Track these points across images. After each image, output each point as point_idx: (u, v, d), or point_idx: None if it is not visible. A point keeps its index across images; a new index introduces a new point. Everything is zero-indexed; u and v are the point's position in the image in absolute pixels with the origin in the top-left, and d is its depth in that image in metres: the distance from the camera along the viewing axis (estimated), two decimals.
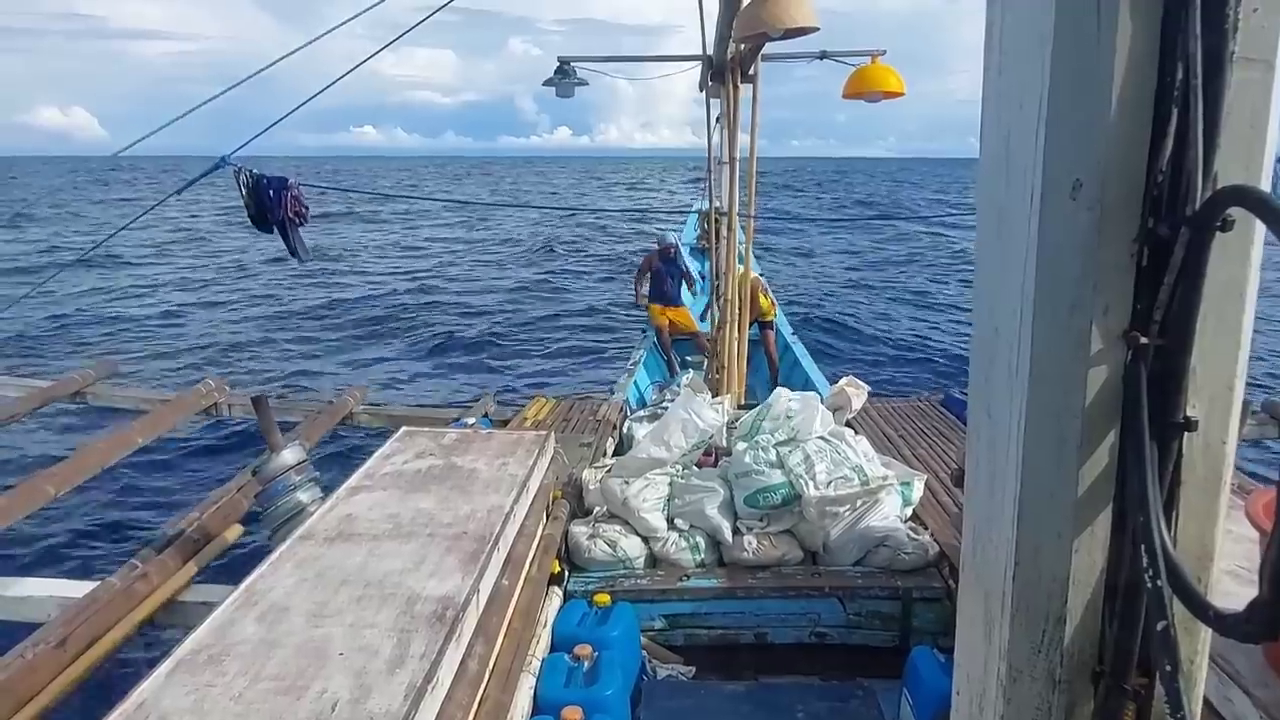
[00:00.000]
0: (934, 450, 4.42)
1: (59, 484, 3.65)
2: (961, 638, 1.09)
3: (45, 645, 2.53)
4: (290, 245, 4.24)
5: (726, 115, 5.77)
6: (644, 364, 7.30)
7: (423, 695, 1.68)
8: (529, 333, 13.81)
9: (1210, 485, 0.86)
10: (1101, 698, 0.92)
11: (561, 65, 6.35)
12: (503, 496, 2.75)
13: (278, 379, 10.84)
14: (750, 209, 6.08)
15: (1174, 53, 0.73)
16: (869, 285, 18.44)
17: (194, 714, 1.64)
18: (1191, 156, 0.74)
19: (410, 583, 2.15)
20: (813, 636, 3.07)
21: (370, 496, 2.76)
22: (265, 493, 3.04)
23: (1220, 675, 1.70)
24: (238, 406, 5.26)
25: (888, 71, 5.59)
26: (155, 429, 4.52)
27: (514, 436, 3.46)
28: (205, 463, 7.81)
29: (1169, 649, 0.77)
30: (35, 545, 6.09)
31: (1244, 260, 0.80)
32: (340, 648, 1.85)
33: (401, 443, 3.31)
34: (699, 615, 3.10)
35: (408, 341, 13.11)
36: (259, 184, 3.99)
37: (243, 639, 1.90)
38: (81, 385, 5.21)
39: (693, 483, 3.43)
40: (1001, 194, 0.89)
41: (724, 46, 5.28)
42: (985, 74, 0.93)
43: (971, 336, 1.00)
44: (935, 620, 3.02)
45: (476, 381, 10.42)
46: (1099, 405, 0.83)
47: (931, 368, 11.23)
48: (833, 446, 3.43)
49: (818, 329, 12.84)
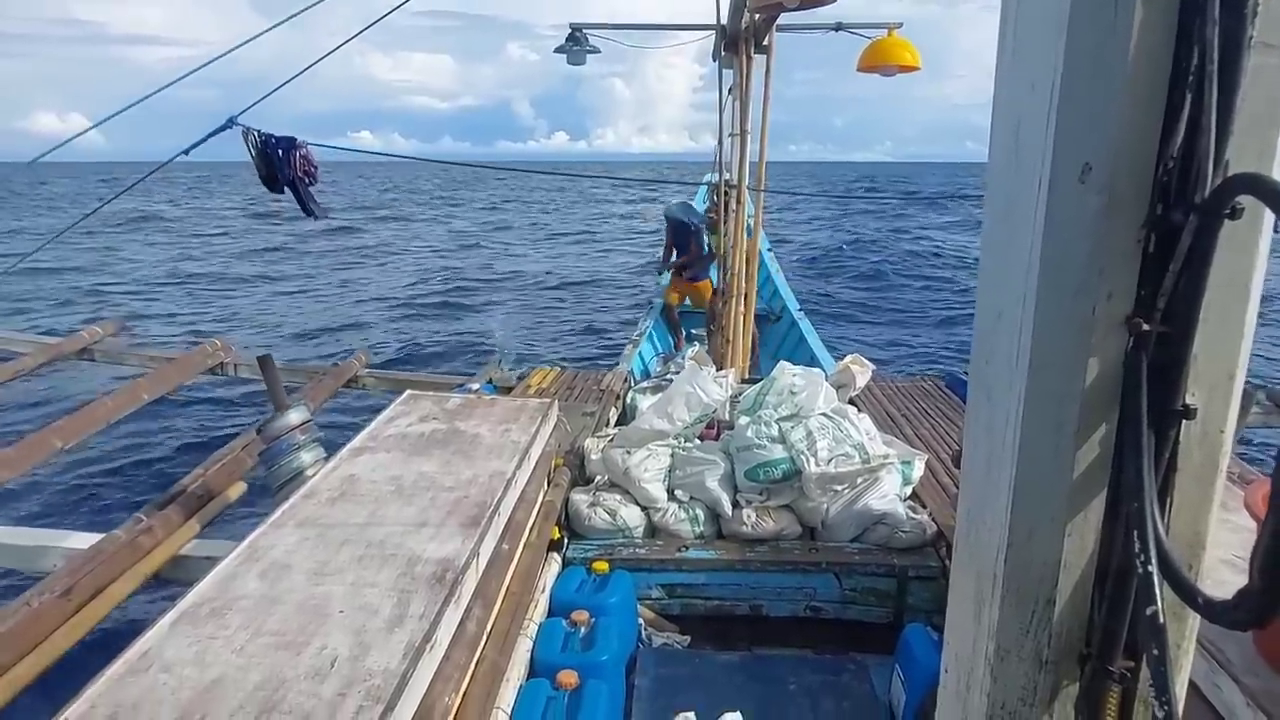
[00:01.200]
0: (936, 430, 4.42)
1: (66, 437, 3.69)
2: (952, 616, 1.11)
3: (50, 594, 2.57)
4: (303, 203, 4.23)
5: (739, 86, 5.70)
6: (649, 335, 7.30)
7: (421, 654, 1.71)
8: (536, 302, 13.83)
9: (1206, 474, 0.87)
10: (1087, 679, 0.94)
11: (574, 32, 6.27)
12: (505, 462, 2.77)
13: (283, 342, 10.90)
14: (760, 182, 6.03)
15: (1191, 37, 0.72)
16: (875, 265, 18.36)
17: (196, 664, 1.67)
18: (1203, 143, 0.73)
19: (411, 544, 2.17)
20: (808, 610, 3.09)
21: (373, 458, 2.78)
22: (269, 451, 3.06)
23: (1210, 662, 1.72)
24: (244, 366, 5.29)
25: (903, 45, 5.51)
26: (161, 386, 4.55)
27: (517, 403, 3.48)
28: (210, 421, 7.88)
29: (1157, 634, 0.77)
30: (42, 497, 6.18)
31: (1251, 249, 0.79)
32: (340, 606, 1.88)
33: (405, 406, 3.33)
34: (696, 586, 3.12)
35: (419, 312, 13.15)
36: (267, 144, 3.98)
37: (245, 594, 1.93)
38: (89, 342, 5.24)
39: (694, 455, 3.44)
40: (1011, 177, 0.88)
41: (738, 16, 5.21)
42: (999, 57, 0.92)
43: (975, 319, 1.00)
44: (930, 598, 3.05)
45: (482, 348, 10.46)
46: (1098, 391, 0.83)
47: (936, 348, 11.21)
48: (835, 423, 3.44)
49: (824, 308, 12.82)
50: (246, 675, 1.64)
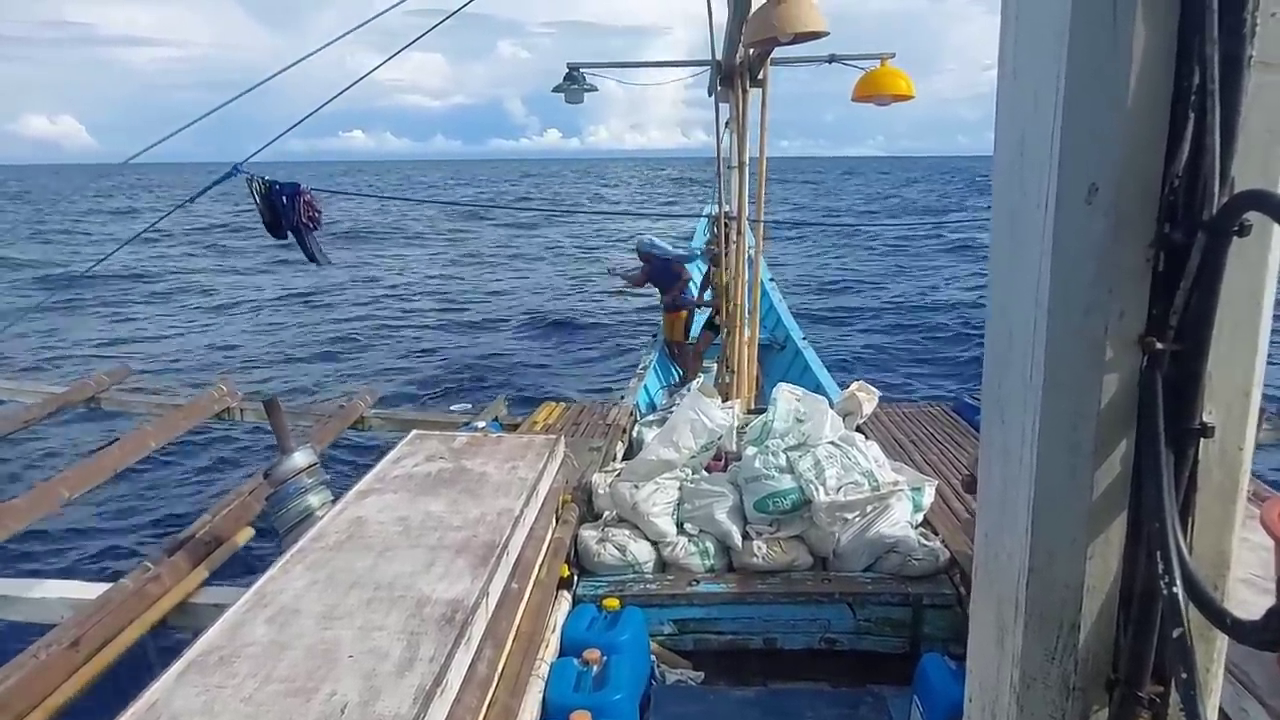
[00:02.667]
0: (945, 456, 4.40)
1: (72, 487, 3.68)
2: (974, 644, 1.09)
3: (58, 646, 2.54)
4: (307, 250, 4.26)
5: (735, 119, 5.76)
6: (653, 368, 7.29)
7: (431, 698, 1.68)
8: (540, 339, 13.85)
9: (1226, 492, 0.86)
10: (1116, 705, 0.92)
11: (571, 72, 6.37)
12: (512, 500, 2.75)
13: (289, 384, 10.92)
14: (759, 213, 6.07)
15: (1191, 57, 0.73)
16: (878, 287, 18.38)
17: (205, 714, 1.64)
18: (1208, 161, 0.74)
19: (420, 585, 2.15)
20: (822, 642, 3.05)
21: (380, 499, 2.77)
22: (276, 495, 3.05)
23: (1235, 685, 1.69)
24: (250, 411, 5.29)
25: (897, 75, 5.58)
26: (168, 433, 4.55)
27: (524, 440, 3.47)
28: (217, 466, 7.86)
29: (1185, 656, 0.76)
30: (48, 548, 6.14)
31: (1261, 265, 0.79)
32: (350, 650, 1.86)
33: (412, 446, 3.32)
34: (708, 620, 3.09)
35: (416, 348, 13.18)
36: (271, 191, 4.02)
37: (253, 640, 1.91)
38: (95, 391, 5.25)
39: (702, 487, 3.42)
40: (1016, 198, 0.88)
41: (733, 51, 5.28)
42: (999, 78, 0.92)
43: (985, 341, 1.00)
44: (946, 627, 3.01)
45: (487, 386, 10.45)
46: (1114, 411, 0.83)
47: (943, 373, 11.19)
48: (843, 451, 3.42)
49: (825, 331, 12.84)
50: None
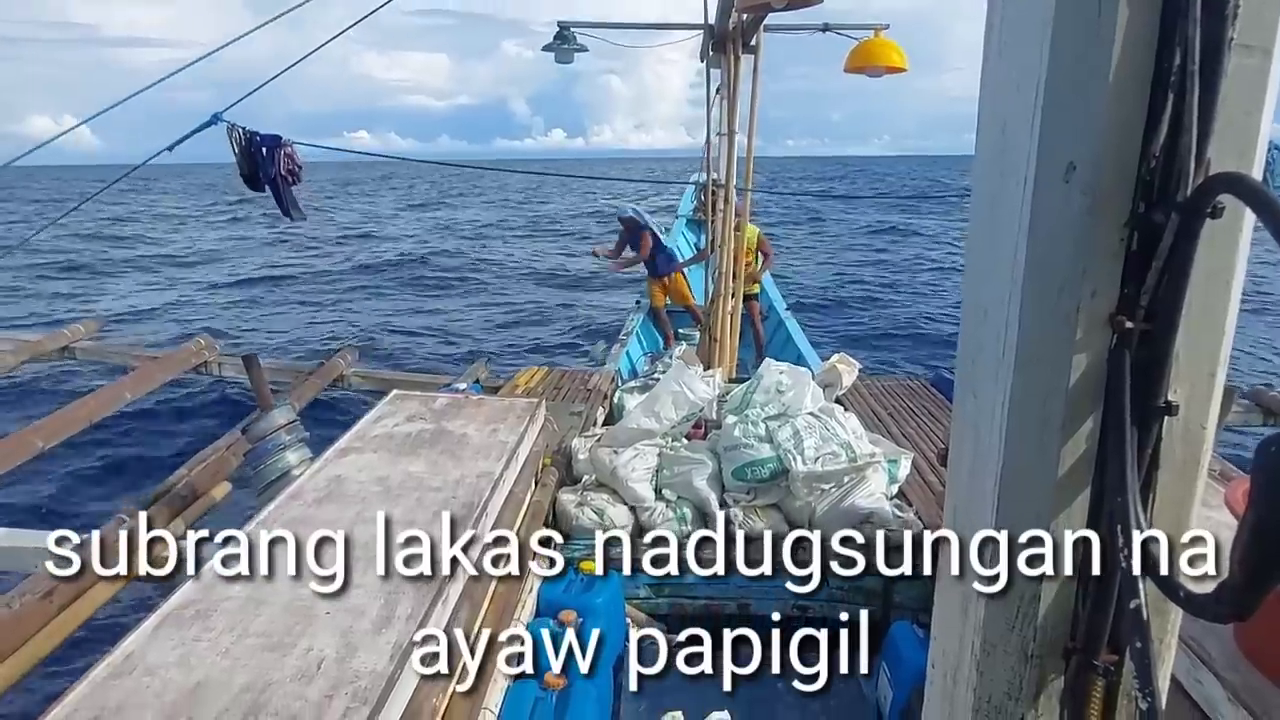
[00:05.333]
0: (922, 429, 4.45)
1: (47, 437, 3.66)
2: (939, 613, 1.12)
3: (31, 596, 2.54)
4: (283, 204, 4.19)
5: (726, 86, 5.71)
6: (636, 334, 7.29)
7: (408, 655, 1.70)
8: (525, 302, 13.79)
9: (1188, 469, 0.88)
10: (1072, 673, 0.95)
11: (561, 30, 6.26)
12: (492, 463, 2.76)
13: (271, 335, 10.82)
14: (747, 182, 6.04)
15: (1173, 38, 0.73)
16: (863, 264, 18.42)
17: (181, 667, 1.65)
18: (1185, 142, 0.74)
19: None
20: (794, 609, 3.10)
21: (360, 458, 2.76)
22: (254, 451, 3.04)
23: (1192, 658, 1.73)
24: (228, 365, 5.25)
25: (890, 46, 5.52)
26: (144, 385, 4.51)
27: (505, 403, 3.47)
28: (195, 420, 7.80)
29: (1140, 628, 0.78)
30: (23, 498, 6.10)
31: (1232, 248, 0.80)
32: (327, 607, 1.87)
33: (392, 406, 3.31)
34: (684, 585, 3.13)
35: (406, 304, 13.09)
36: (251, 141, 3.95)
37: (230, 595, 1.92)
38: (70, 340, 5.19)
39: (681, 454, 3.45)
40: (996, 176, 0.89)
41: (726, 16, 5.21)
42: (985, 58, 0.92)
43: (960, 317, 1.01)
44: (916, 596, 3.06)
45: (469, 347, 10.41)
46: (1082, 388, 0.84)
47: (923, 347, 11.27)
48: (822, 423, 3.45)
49: (811, 307, 12.87)
50: (232, 677, 1.62)
